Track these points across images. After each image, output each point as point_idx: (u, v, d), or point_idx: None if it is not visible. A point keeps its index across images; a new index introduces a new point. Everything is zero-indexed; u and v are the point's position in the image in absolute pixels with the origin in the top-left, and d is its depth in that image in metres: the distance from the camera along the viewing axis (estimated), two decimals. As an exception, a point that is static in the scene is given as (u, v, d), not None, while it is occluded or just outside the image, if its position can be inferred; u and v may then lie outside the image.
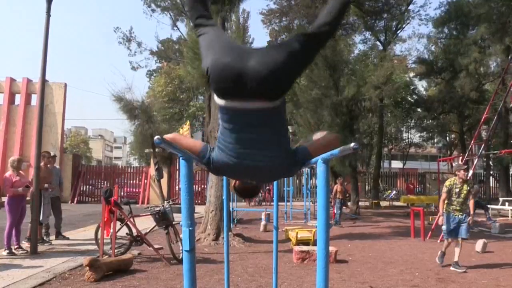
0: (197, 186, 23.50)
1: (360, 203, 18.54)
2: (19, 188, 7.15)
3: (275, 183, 3.89)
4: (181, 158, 1.45)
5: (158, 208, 7.10)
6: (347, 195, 16.61)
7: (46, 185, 8.13)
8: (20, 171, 7.50)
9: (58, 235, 8.92)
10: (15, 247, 7.18)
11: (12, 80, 22.03)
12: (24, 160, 8.05)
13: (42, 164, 7.99)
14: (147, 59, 40.36)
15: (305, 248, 7.23)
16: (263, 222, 11.61)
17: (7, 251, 6.99)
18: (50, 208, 8.54)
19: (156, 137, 1.21)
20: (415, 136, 39.11)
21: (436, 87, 28.96)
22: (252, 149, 1.78)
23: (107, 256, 6.54)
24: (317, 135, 2.10)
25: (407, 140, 40.17)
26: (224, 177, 4.27)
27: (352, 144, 1.26)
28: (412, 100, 28.67)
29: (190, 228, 1.40)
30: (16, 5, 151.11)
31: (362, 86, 16.21)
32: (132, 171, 25.82)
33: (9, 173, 7.30)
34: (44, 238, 8.22)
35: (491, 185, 30.25)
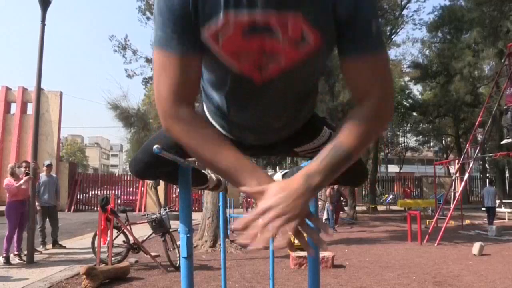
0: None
1: (357, 208, 18.57)
2: (21, 181, 7.22)
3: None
4: (180, 166, 1.47)
5: (154, 216, 7.09)
6: (344, 200, 16.61)
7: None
8: (19, 176, 7.52)
9: (55, 243, 8.88)
10: (15, 252, 7.18)
11: (8, 89, 22.00)
12: (21, 166, 8.02)
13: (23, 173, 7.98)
14: (143, 67, 40.21)
15: (302, 253, 7.23)
16: (260, 228, 11.58)
17: (3, 260, 6.96)
18: (40, 216, 8.56)
19: (155, 146, 1.22)
20: (411, 140, 39.27)
21: (431, 91, 29.13)
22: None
23: (104, 264, 6.52)
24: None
25: (403, 144, 40.30)
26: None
27: None
28: (407, 104, 28.85)
29: (188, 235, 1.42)
30: (11, 13, 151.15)
31: (358, 91, 16.29)
32: (128, 178, 25.74)
33: (8, 179, 7.32)
34: (37, 248, 8.14)
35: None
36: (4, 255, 6.99)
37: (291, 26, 0.97)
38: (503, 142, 11.58)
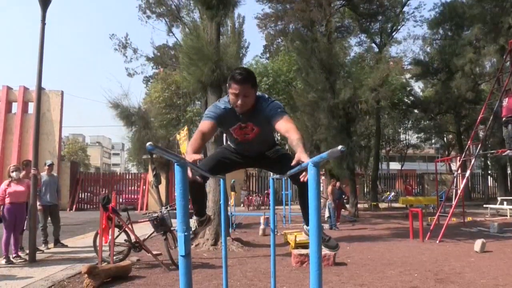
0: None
1: (358, 205, 18.56)
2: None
3: (271, 185, 3.93)
4: (175, 163, 1.46)
5: (156, 214, 7.10)
6: (345, 197, 16.61)
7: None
8: (20, 177, 7.52)
9: (57, 243, 8.90)
10: (14, 255, 7.16)
11: (9, 89, 22.03)
12: (18, 167, 7.96)
13: (24, 173, 7.94)
14: (143, 65, 40.54)
15: (303, 251, 7.23)
16: (261, 226, 11.61)
17: (4, 260, 6.97)
18: (41, 215, 8.59)
19: (148, 144, 1.21)
20: (413, 137, 39.22)
21: (432, 88, 29.04)
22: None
23: (105, 263, 6.53)
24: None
25: (404, 142, 40.25)
26: (222, 183, 4.28)
27: (339, 147, 1.28)
28: (408, 102, 28.76)
29: (186, 233, 1.41)
30: (12, 13, 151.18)
31: (359, 89, 16.26)
32: (130, 177, 25.81)
33: (4, 183, 7.34)
34: (39, 247, 8.14)
35: (489, 184, 30.32)
36: (4, 256, 7.00)
37: (249, 126, 2.80)
38: (506, 153, 11.51)
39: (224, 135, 3.24)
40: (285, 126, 2.51)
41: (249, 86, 2.59)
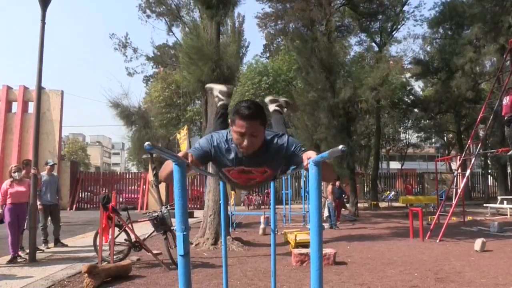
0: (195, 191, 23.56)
1: (359, 205, 18.56)
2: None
3: (272, 185, 3.92)
4: (174, 163, 1.46)
5: (156, 214, 7.10)
6: (345, 196, 16.61)
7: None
8: (23, 177, 7.52)
9: (57, 242, 8.90)
10: (14, 255, 7.17)
11: (9, 88, 22.03)
12: (20, 167, 7.95)
13: (24, 172, 7.90)
14: (143, 65, 40.45)
15: (304, 250, 7.23)
16: (262, 226, 11.61)
17: (11, 257, 6.99)
18: (42, 214, 8.59)
19: (146, 143, 1.21)
20: (413, 137, 39.19)
21: (432, 87, 29.00)
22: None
23: (105, 262, 6.53)
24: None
25: (404, 141, 40.21)
26: (221, 182, 4.29)
27: (340, 147, 1.29)
28: (409, 101, 28.72)
29: (184, 233, 1.41)
30: (12, 13, 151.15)
31: (359, 88, 16.25)
32: (130, 177, 25.80)
33: (6, 182, 7.33)
34: (39, 247, 8.13)
35: (489, 184, 30.29)
36: (12, 255, 7.03)
37: (259, 170, 2.33)
38: (510, 153, 11.50)
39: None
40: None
41: (258, 124, 2.10)
